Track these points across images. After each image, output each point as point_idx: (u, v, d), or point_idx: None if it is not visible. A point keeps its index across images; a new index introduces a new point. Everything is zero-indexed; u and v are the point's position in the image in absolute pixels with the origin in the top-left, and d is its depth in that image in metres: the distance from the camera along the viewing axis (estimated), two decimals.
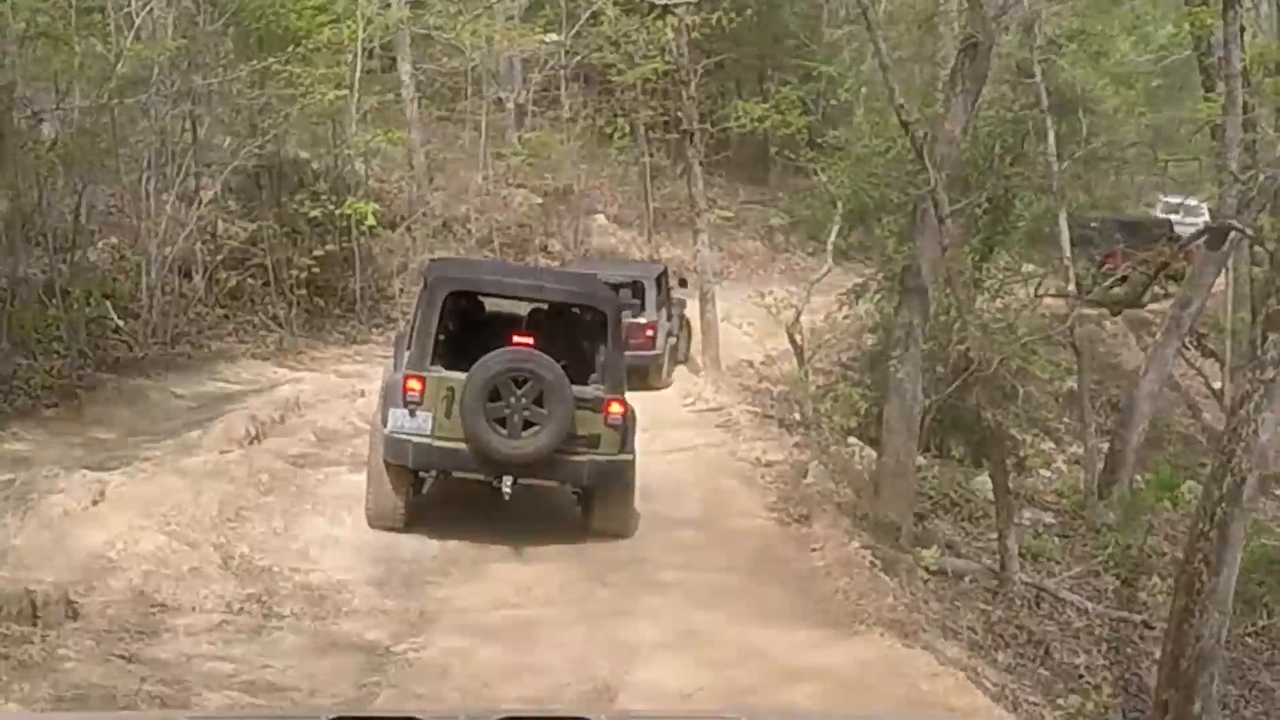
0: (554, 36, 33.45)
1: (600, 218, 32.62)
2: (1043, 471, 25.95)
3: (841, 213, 24.02)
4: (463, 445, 12.88)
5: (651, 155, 32.79)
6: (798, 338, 23.33)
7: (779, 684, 10.88)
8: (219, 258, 26.43)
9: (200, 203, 24.74)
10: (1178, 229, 32.19)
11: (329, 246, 25.96)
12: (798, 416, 23.78)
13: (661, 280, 23.68)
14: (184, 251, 25.67)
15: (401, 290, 28.51)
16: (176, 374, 22.64)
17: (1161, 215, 36.36)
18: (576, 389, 12.87)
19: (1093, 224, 29.27)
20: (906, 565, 15.80)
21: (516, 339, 13.18)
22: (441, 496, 15.25)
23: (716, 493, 17.60)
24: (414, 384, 12.99)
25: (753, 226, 35.35)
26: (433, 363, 13.15)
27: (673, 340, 24.30)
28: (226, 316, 25.99)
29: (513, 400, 12.54)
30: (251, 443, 17.72)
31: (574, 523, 15.11)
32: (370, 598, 13.14)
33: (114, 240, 25.55)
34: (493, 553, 14.54)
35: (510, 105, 34.51)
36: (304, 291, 25.91)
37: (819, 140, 34.54)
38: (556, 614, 12.85)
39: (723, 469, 18.90)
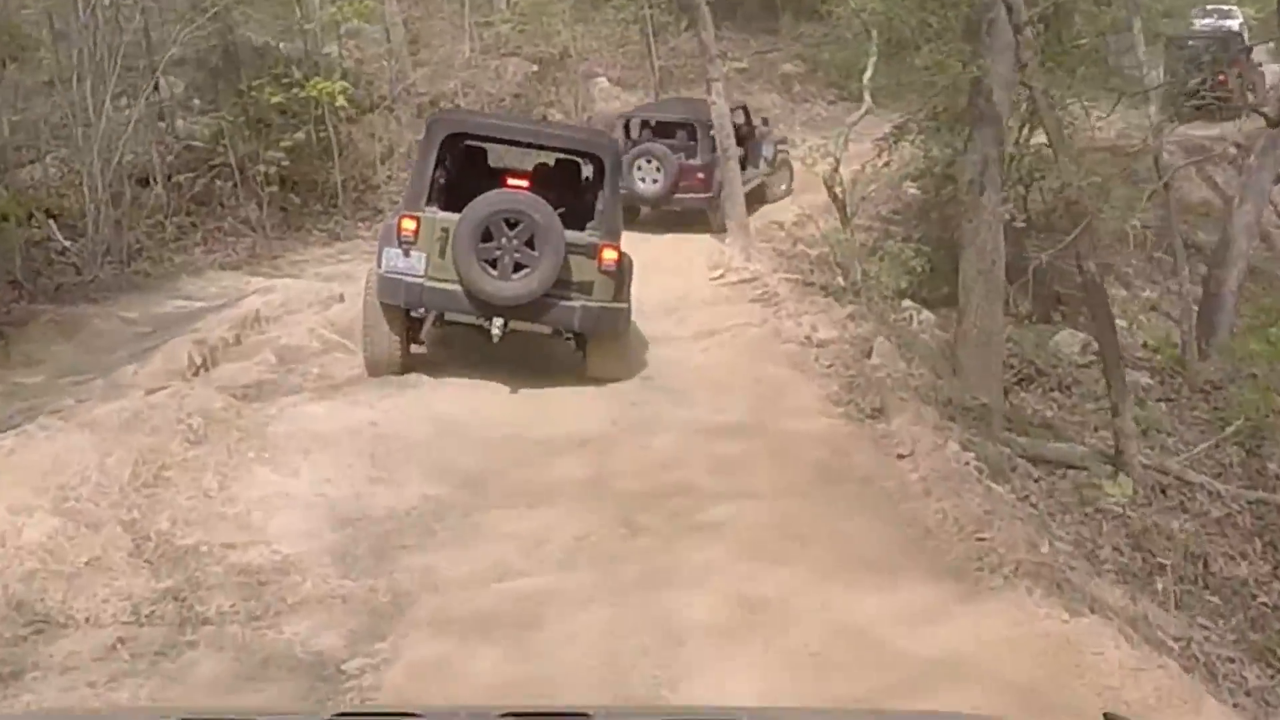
0: None
1: (602, 81, 28.55)
2: (1120, 322, 21.92)
3: (878, 44, 19.87)
4: (455, 286, 12.29)
5: (652, 8, 28.61)
6: (838, 191, 19.38)
7: (905, 691, 7.02)
8: (178, 160, 22.56)
9: (145, 100, 20.73)
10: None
11: (298, 135, 21.92)
12: (841, 282, 19.88)
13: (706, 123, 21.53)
14: (140, 158, 21.87)
15: (389, 178, 24.62)
16: (131, 296, 18.93)
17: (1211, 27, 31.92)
18: (571, 234, 12.27)
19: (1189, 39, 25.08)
20: (1012, 462, 11.94)
21: (511, 182, 12.81)
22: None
23: (765, 385, 13.76)
24: (408, 224, 12.40)
25: (767, 78, 31.13)
26: (429, 204, 12.51)
27: (754, 182, 22.57)
28: (194, 224, 22.14)
29: (504, 241, 11.99)
30: (196, 374, 13.96)
31: (588, 449, 11.45)
32: (326, 578, 9.40)
33: (65, 153, 21.66)
34: (489, 493, 10.82)
35: None
36: (275, 189, 21.99)
37: None
38: (572, 585, 9.08)
39: (768, 353, 15.04)
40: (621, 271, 12.85)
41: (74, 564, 9.46)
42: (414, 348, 13.60)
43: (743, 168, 21.25)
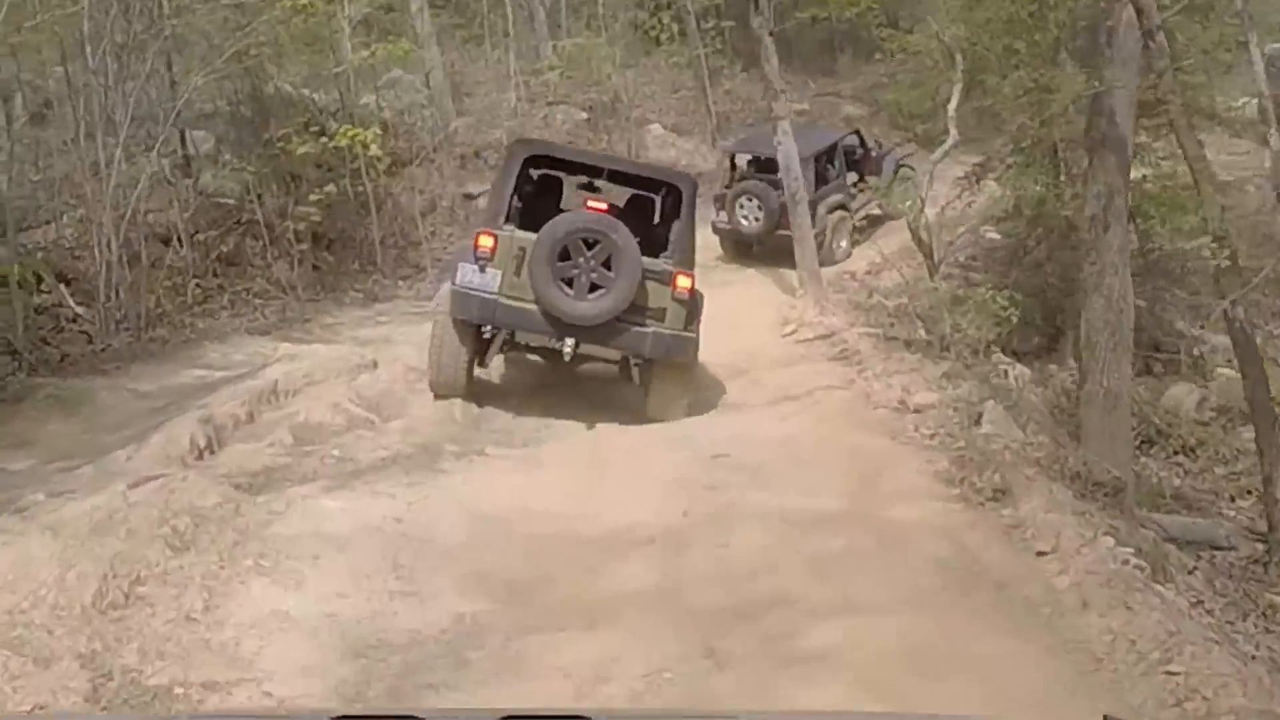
0: None
1: (655, 128, 26.34)
2: (1226, 370, 19.47)
3: (963, 70, 17.55)
4: (529, 304, 11.98)
5: (706, 48, 26.44)
6: (924, 235, 17.08)
7: None
8: (203, 218, 20.51)
9: (159, 152, 18.67)
10: None
11: (329, 188, 19.77)
12: (924, 335, 17.56)
13: (827, 150, 21.56)
14: (162, 216, 19.83)
15: (432, 233, 22.50)
16: (145, 366, 16.74)
17: None
18: (646, 261, 11.92)
19: None
20: (1166, 554, 9.54)
21: (591, 203, 12.40)
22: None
23: (859, 461, 11.43)
24: (485, 240, 12.11)
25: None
26: (507, 223, 12.27)
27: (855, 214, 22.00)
28: (220, 287, 20.00)
29: (581, 261, 11.71)
30: (200, 457, 11.79)
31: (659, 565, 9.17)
32: None
33: (82, 213, 19.59)
34: (536, 610, 8.53)
35: (540, 12, 28.27)
36: (306, 246, 19.84)
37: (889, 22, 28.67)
38: None
39: (858, 421, 12.73)
40: (694, 300, 12.41)
41: (15, 712, 7.27)
42: (478, 373, 13.27)
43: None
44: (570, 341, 12.04)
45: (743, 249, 20.90)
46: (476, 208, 23.38)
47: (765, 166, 20.58)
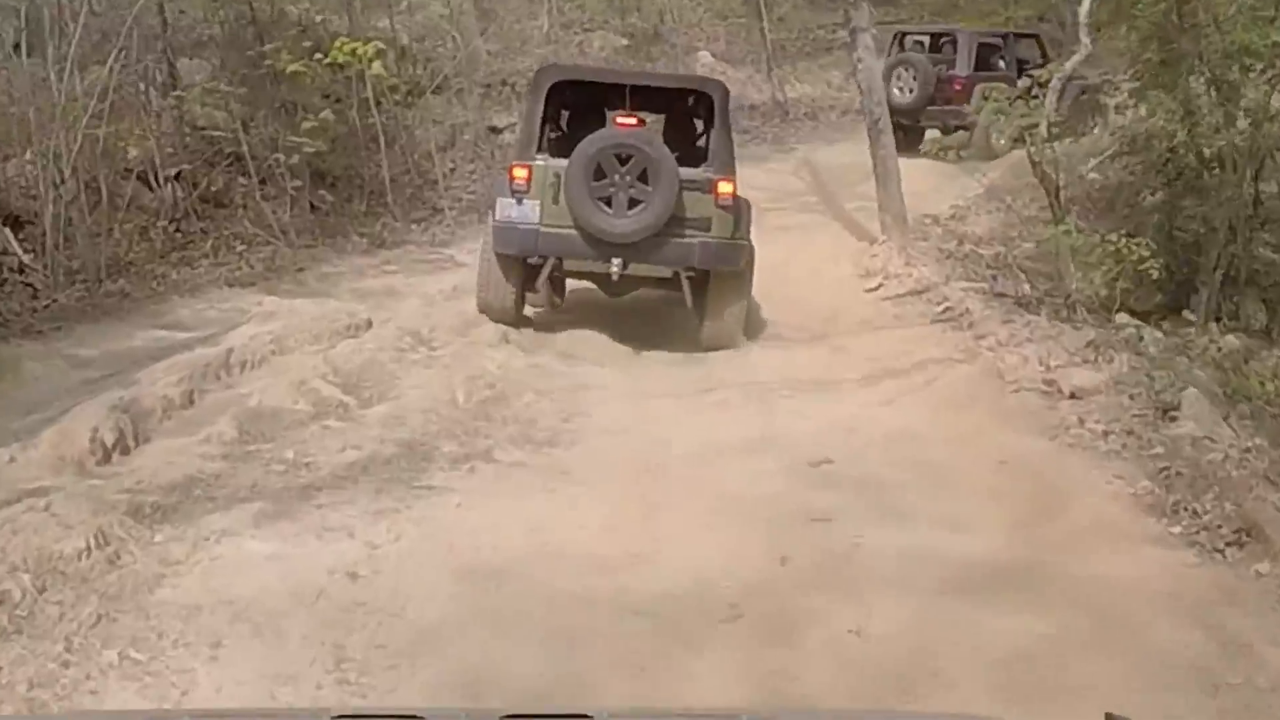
0: None
1: (704, 55, 22.64)
2: None
3: None
4: (570, 230, 11.10)
5: None
6: (1048, 169, 13.41)
7: None
8: (190, 153, 16.92)
9: (112, 70, 15.07)
10: None
11: (324, 114, 16.06)
12: (1028, 290, 13.99)
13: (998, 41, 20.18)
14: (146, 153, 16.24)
15: (451, 169, 18.87)
16: (96, 325, 13.22)
17: None
18: (685, 171, 11.11)
19: None
20: None
21: (620, 120, 11.46)
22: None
23: (1017, 474, 7.78)
24: (520, 172, 11.27)
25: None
26: (540, 152, 11.43)
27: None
28: (204, 232, 16.40)
29: (617, 178, 10.90)
30: (106, 459, 8.24)
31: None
32: None
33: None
34: None
35: None
36: (300, 183, 16.23)
37: None
38: None
39: (996, 410, 9.08)
40: (739, 206, 11.44)
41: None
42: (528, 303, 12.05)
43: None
44: (617, 261, 11.16)
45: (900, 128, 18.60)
46: (503, 142, 19.78)
47: (929, 46, 20.20)
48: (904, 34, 20.90)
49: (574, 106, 12.70)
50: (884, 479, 7.69)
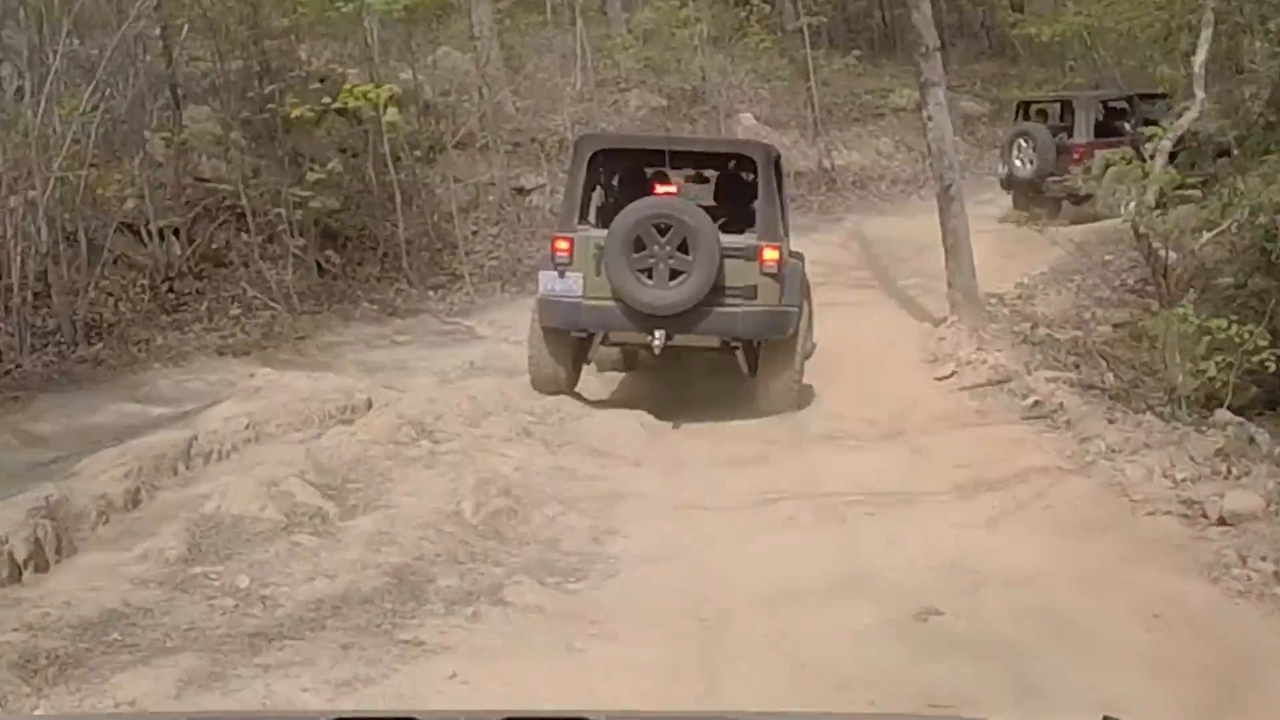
0: None
1: (747, 118, 20.77)
2: None
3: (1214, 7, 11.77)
4: (612, 302, 10.58)
5: (809, 16, 20.84)
6: (1155, 244, 11.51)
7: None
8: (190, 206, 15.12)
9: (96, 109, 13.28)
10: None
11: (331, 165, 14.29)
12: (1112, 380, 12.13)
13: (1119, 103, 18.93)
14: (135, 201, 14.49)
15: (474, 232, 17.01)
16: (63, 395, 11.55)
17: None
18: (728, 238, 10.59)
19: None
20: None
21: (660, 189, 10.99)
22: None
23: (1183, 639, 5.78)
24: (561, 244, 10.81)
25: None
26: (582, 223, 10.94)
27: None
28: (199, 293, 14.58)
29: (656, 249, 10.43)
30: (16, 578, 6.32)
31: None
32: None
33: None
34: None
35: None
36: (304, 241, 14.40)
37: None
38: None
39: (1129, 539, 7.12)
40: (786, 272, 10.89)
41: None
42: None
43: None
44: (660, 334, 10.63)
45: (1023, 200, 18.72)
46: (530, 204, 17.97)
47: (1044, 113, 19.32)
48: (1027, 104, 19.77)
49: (616, 174, 12.04)
50: (1010, 640, 5.73)
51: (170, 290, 14.36)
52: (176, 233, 14.81)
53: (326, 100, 13.66)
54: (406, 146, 16.51)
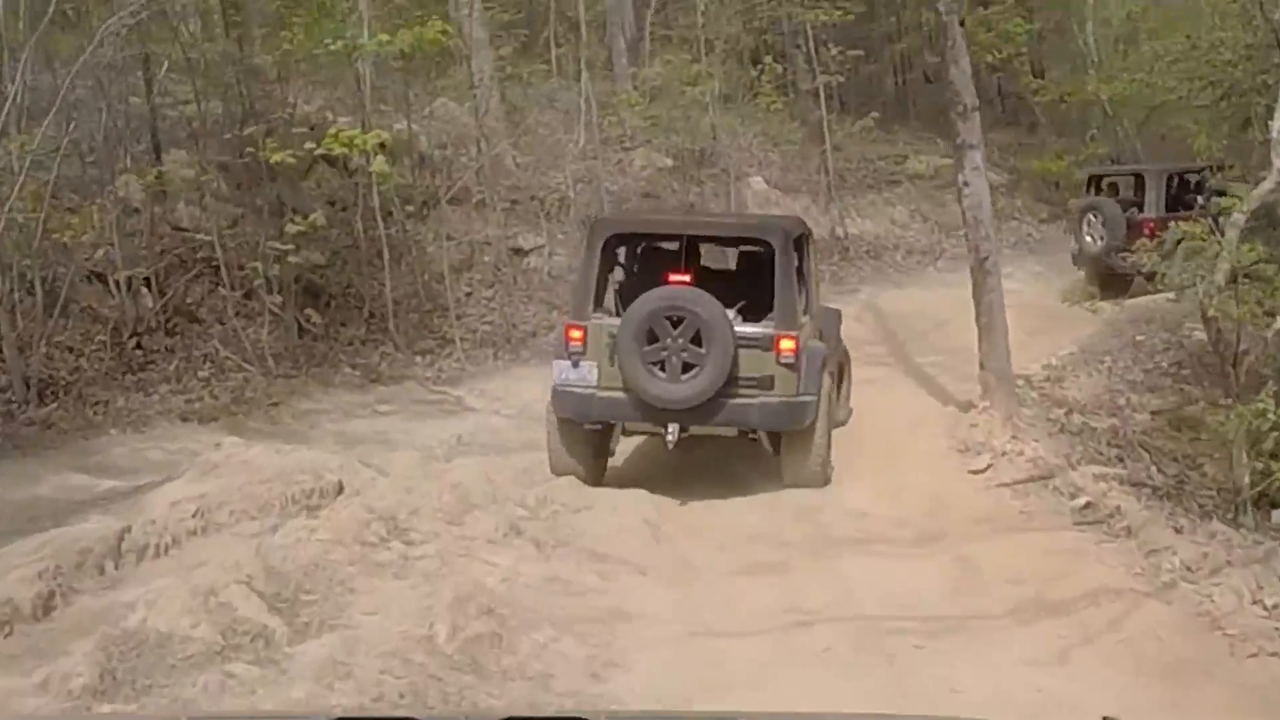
0: None
1: (757, 182, 19.60)
2: None
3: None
4: (626, 393, 10.18)
5: (825, 73, 19.66)
6: (1225, 328, 10.27)
7: None
8: (162, 258, 13.91)
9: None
10: None
11: (313, 217, 13.08)
12: (1155, 476, 10.92)
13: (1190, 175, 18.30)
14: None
15: (468, 294, 15.79)
16: (10, 460, 10.54)
17: None
18: (744, 328, 10.27)
19: None
20: None
21: (672, 278, 10.51)
22: None
23: None
24: (575, 333, 10.43)
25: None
26: (597, 311, 10.51)
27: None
28: (170, 351, 13.34)
29: (669, 341, 10.06)
30: None
31: None
32: None
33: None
34: None
35: (620, 40, 21.65)
36: (281, 299, 13.17)
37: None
38: None
39: (1240, 692, 5.83)
40: (804, 360, 10.27)
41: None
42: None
43: None
44: (673, 428, 10.22)
45: (1096, 276, 18.03)
46: (528, 266, 16.76)
47: (1115, 186, 18.56)
48: (1098, 176, 18.91)
49: (632, 258, 11.66)
50: None
51: (138, 346, 13.14)
52: (148, 283, 13.63)
53: (310, 146, 12.41)
54: (398, 200, 15.34)
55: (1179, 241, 10.60)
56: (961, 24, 11.42)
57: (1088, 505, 9.35)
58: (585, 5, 20.13)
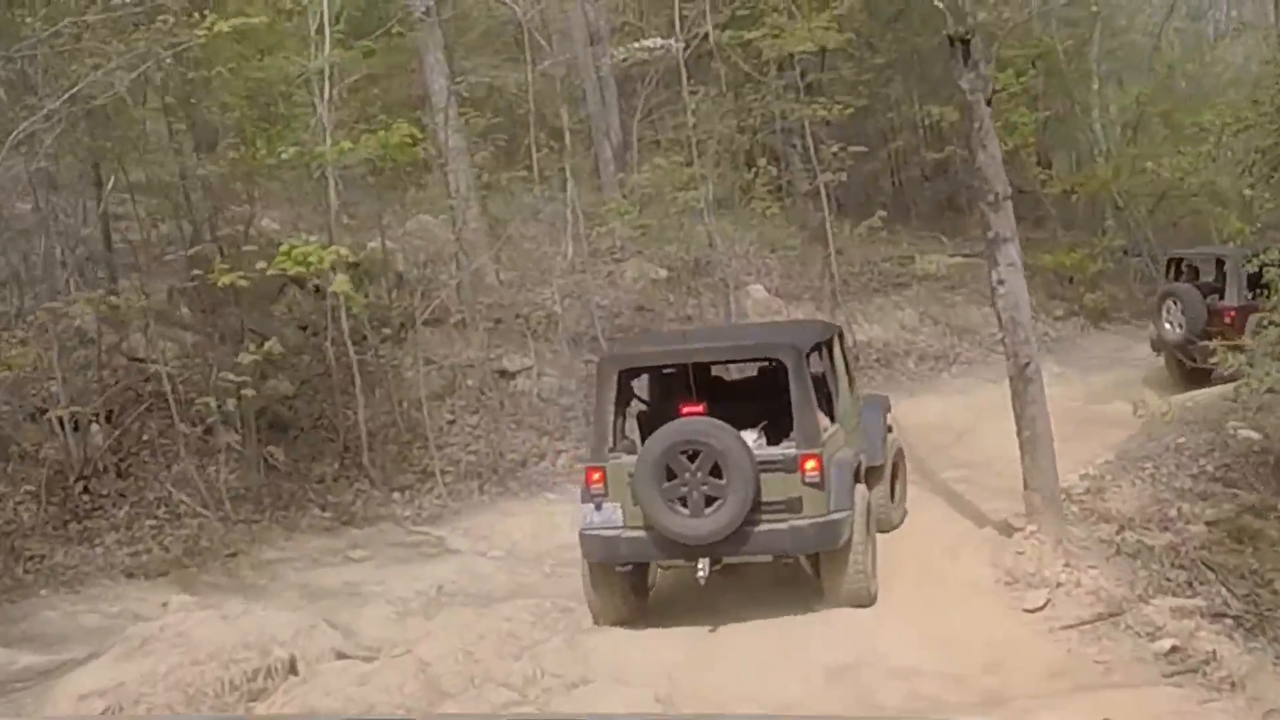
0: (659, 41, 19.88)
1: (757, 290, 18.24)
2: None
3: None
4: (653, 531, 9.83)
5: (828, 169, 18.36)
6: None
7: None
8: (116, 391, 12.53)
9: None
10: None
11: (269, 345, 11.61)
12: (1233, 602, 9.51)
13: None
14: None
15: (450, 421, 14.36)
16: None
17: None
18: (765, 451, 9.87)
19: None
20: None
21: (685, 409, 10.16)
22: None
23: None
24: (595, 476, 10.07)
25: (972, 289, 20.65)
26: (615, 449, 10.16)
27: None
28: (122, 495, 11.89)
29: (688, 476, 9.68)
30: None
31: None
32: None
33: None
34: None
35: (606, 148, 20.41)
36: (236, 435, 11.74)
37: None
38: None
39: None
40: (832, 477, 9.74)
41: None
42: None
43: None
44: (704, 563, 9.71)
45: (1175, 366, 17.09)
46: (515, 389, 15.31)
47: (1194, 272, 17.47)
48: (1178, 260, 17.90)
49: (645, 388, 11.26)
50: None
51: (85, 491, 11.73)
52: (98, 419, 12.21)
53: (262, 266, 11.00)
54: (373, 323, 14.00)
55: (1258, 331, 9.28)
56: (988, 103, 10.07)
57: (1174, 649, 7.89)
58: (569, 112, 18.92)
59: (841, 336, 11.61)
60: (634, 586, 10.17)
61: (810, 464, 9.84)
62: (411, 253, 16.56)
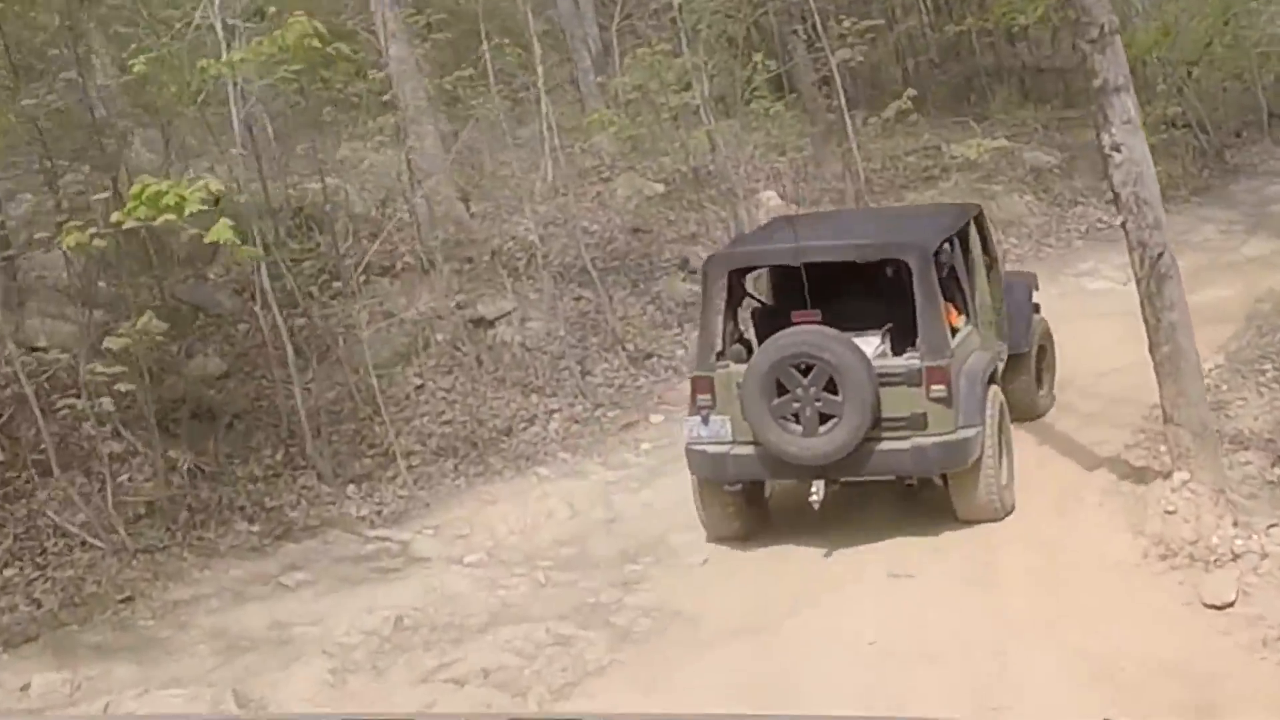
0: None
1: (770, 197, 15.35)
2: None
3: None
4: (763, 448, 9.08)
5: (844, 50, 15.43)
6: None
7: None
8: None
9: None
10: None
11: (144, 322, 8.59)
12: None
13: None
14: None
15: (418, 386, 11.53)
16: None
17: None
18: (885, 362, 8.97)
19: None
20: None
21: (798, 317, 9.24)
22: None
23: None
24: (702, 386, 9.36)
25: (1008, 175, 17.62)
26: (723, 356, 9.30)
27: None
28: (14, 517, 9.09)
29: (800, 392, 8.85)
30: None
31: None
32: None
33: None
34: None
35: (585, 56, 17.44)
36: (124, 441, 8.89)
37: None
38: None
39: None
40: (961, 389, 8.83)
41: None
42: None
43: None
44: (817, 485, 9.30)
45: None
46: (496, 338, 12.44)
47: None
48: None
49: (759, 290, 10.43)
50: None
51: None
52: None
53: (115, 218, 7.92)
54: (320, 277, 11.20)
55: None
56: None
57: None
58: (534, 17, 15.83)
59: (981, 217, 10.24)
60: (749, 500, 9.38)
61: (936, 378, 8.90)
62: (365, 194, 13.68)
